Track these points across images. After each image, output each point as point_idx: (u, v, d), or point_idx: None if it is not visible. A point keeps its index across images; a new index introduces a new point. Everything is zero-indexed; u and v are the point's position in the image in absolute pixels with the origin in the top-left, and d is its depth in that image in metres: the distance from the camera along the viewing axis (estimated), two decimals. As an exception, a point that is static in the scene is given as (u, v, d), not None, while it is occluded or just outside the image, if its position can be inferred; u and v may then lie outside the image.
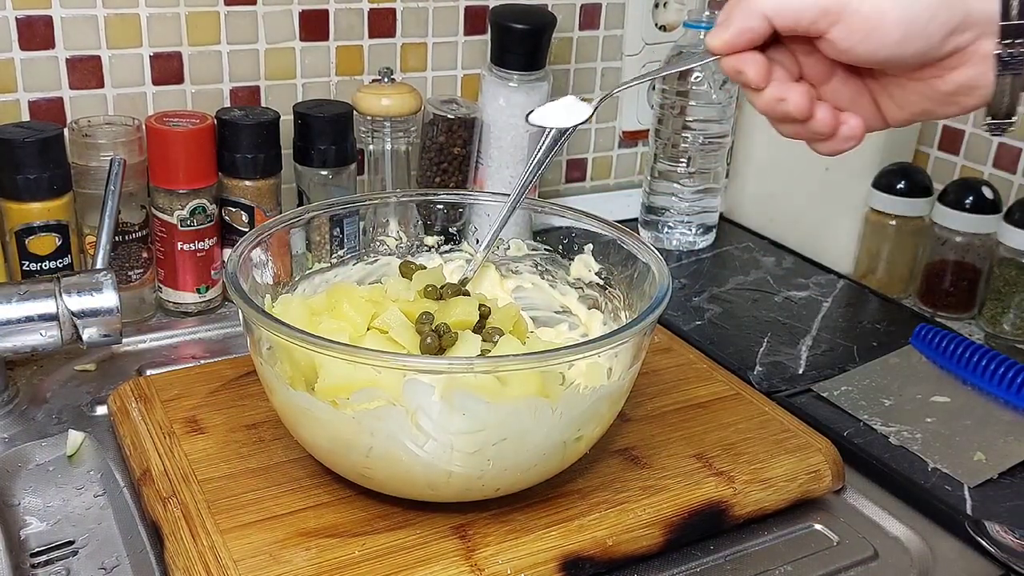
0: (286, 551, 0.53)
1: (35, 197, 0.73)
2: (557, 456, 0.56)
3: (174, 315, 0.84)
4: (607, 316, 0.69)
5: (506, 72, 0.90)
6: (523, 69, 0.90)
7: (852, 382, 0.78)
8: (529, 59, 0.90)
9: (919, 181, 0.93)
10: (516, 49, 0.89)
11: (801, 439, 0.66)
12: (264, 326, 0.54)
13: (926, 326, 0.84)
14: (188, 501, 0.56)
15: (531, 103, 0.90)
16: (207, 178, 0.80)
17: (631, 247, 0.66)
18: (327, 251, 0.75)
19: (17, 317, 0.64)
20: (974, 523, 0.62)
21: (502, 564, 0.54)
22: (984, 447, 0.70)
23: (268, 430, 0.63)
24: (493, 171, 0.93)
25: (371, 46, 0.94)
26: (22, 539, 0.59)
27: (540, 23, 0.89)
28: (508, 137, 0.91)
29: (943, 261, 0.92)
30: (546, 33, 0.90)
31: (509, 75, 0.90)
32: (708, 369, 0.74)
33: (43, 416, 0.69)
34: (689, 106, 0.98)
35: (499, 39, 0.90)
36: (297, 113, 0.84)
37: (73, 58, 0.83)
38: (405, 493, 0.56)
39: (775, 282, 0.97)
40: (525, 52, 0.89)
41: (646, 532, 0.58)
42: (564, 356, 0.54)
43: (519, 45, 0.89)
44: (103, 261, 0.70)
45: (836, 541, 0.62)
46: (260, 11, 0.88)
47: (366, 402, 0.53)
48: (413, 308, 0.63)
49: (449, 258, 0.74)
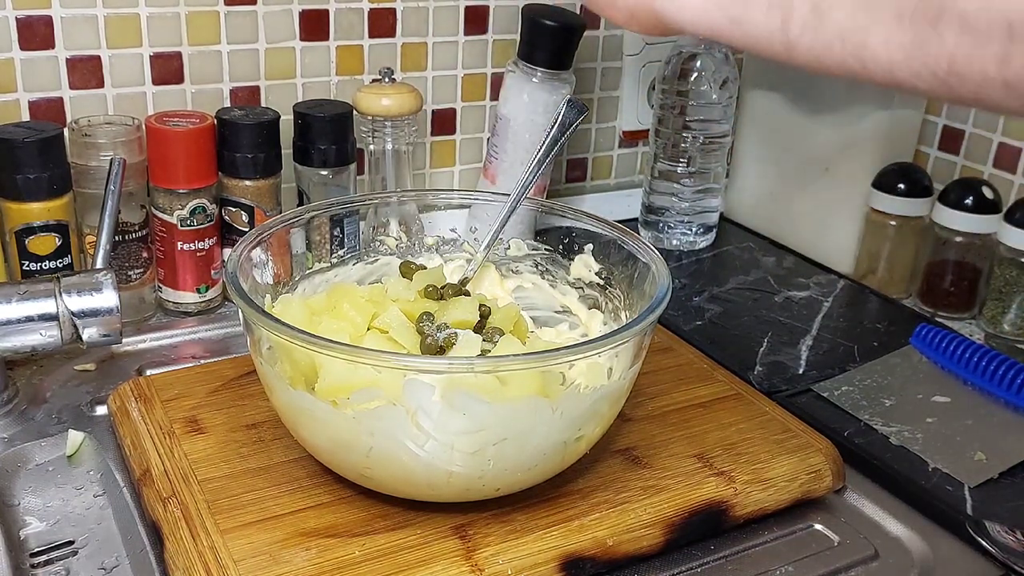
0: (286, 551, 0.53)
1: (35, 197, 0.73)
2: (557, 456, 0.56)
3: (174, 315, 0.84)
4: (607, 316, 0.69)
5: (531, 68, 0.90)
6: (549, 67, 0.90)
7: (852, 382, 0.78)
8: (556, 57, 0.90)
9: (919, 181, 0.93)
10: (545, 46, 0.90)
11: (801, 439, 0.66)
12: (264, 326, 0.54)
13: (926, 326, 0.84)
14: (188, 501, 0.56)
15: (554, 101, 0.90)
16: (207, 178, 0.80)
17: (631, 247, 0.66)
18: (327, 251, 0.75)
19: (17, 317, 0.64)
20: (974, 523, 0.62)
21: (502, 564, 0.54)
22: (984, 447, 0.70)
23: (268, 430, 0.63)
24: (507, 166, 0.93)
25: (371, 46, 0.94)
26: (22, 539, 0.59)
27: (572, 23, 0.90)
28: (527, 134, 0.91)
29: (943, 261, 0.92)
30: (576, 34, 0.91)
31: (534, 71, 0.90)
32: (708, 369, 0.74)
33: (43, 416, 0.69)
34: (689, 106, 0.98)
35: (529, 35, 0.90)
36: (297, 113, 0.84)
37: (73, 58, 0.82)
38: (405, 493, 0.56)
39: (775, 282, 0.97)
40: (553, 50, 0.90)
41: (646, 532, 0.58)
42: (564, 356, 0.54)
43: (549, 42, 0.90)
44: (103, 261, 0.70)
45: (836, 541, 0.62)
46: (260, 11, 0.88)
47: (366, 402, 0.53)
48: (413, 308, 0.63)
49: (449, 258, 0.74)
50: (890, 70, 0.37)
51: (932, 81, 0.36)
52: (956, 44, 0.34)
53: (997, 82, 0.34)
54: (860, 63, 0.38)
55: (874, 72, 0.37)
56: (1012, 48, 0.32)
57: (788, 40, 0.40)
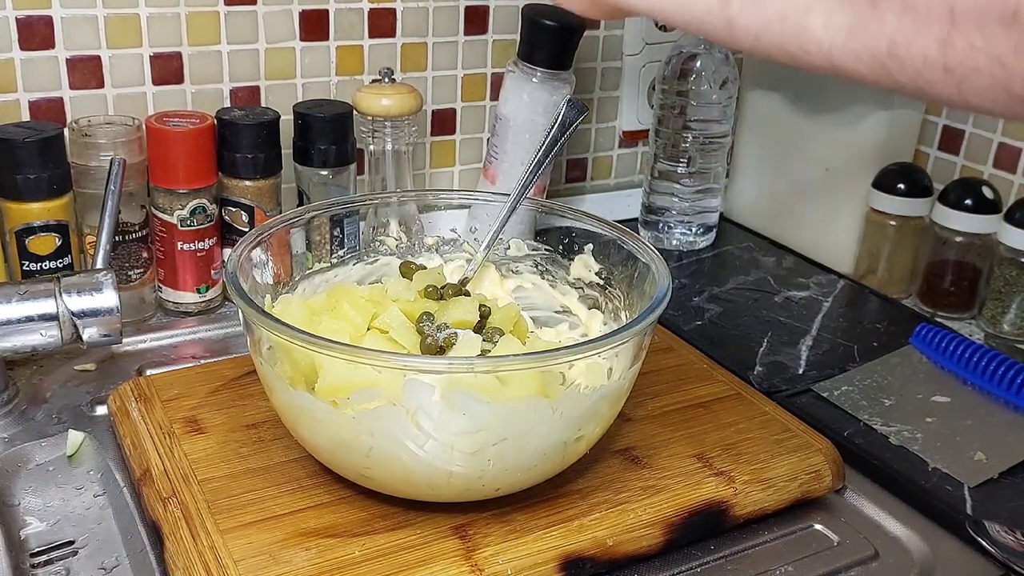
0: (286, 551, 0.53)
1: (35, 197, 0.73)
2: (557, 456, 0.56)
3: (174, 315, 0.84)
4: (607, 316, 0.69)
5: (531, 68, 0.90)
6: (549, 67, 0.90)
7: (852, 382, 0.78)
8: (556, 57, 0.90)
9: (919, 181, 0.93)
10: (545, 46, 0.90)
11: (801, 439, 0.66)
12: (264, 326, 0.54)
13: (926, 326, 0.84)
14: (188, 501, 0.56)
15: (554, 102, 0.90)
16: (207, 178, 0.80)
17: (631, 247, 0.66)
18: (327, 251, 0.75)
19: (17, 317, 0.64)
20: (974, 523, 0.62)
21: (502, 564, 0.54)
22: (984, 447, 0.70)
23: (268, 430, 0.63)
24: (507, 166, 0.93)
25: (371, 46, 0.94)
26: (22, 539, 0.59)
27: (572, 23, 0.90)
28: (527, 134, 0.91)
29: (943, 261, 0.92)
30: (576, 34, 0.91)
31: (534, 71, 0.90)
32: (708, 369, 0.74)
33: (43, 416, 0.69)
34: (689, 106, 0.98)
35: (529, 35, 0.90)
36: (297, 113, 0.84)
37: (73, 58, 0.82)
38: (405, 493, 0.56)
39: (775, 282, 0.97)
40: (553, 50, 0.90)
41: (646, 532, 0.58)
42: (564, 356, 0.54)
43: (549, 42, 0.90)
44: (103, 261, 0.70)
45: (836, 541, 0.62)
46: (260, 11, 0.88)
47: (366, 402, 0.53)
48: (413, 308, 0.63)
49: (449, 258, 0.74)
50: (829, 52, 0.36)
51: (872, 64, 0.35)
52: (897, 26, 0.34)
53: (938, 67, 0.33)
54: (799, 44, 0.37)
55: (813, 55, 0.37)
56: (953, 32, 0.32)
57: (728, 17, 0.39)
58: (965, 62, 0.32)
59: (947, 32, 0.32)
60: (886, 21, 0.34)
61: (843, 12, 0.35)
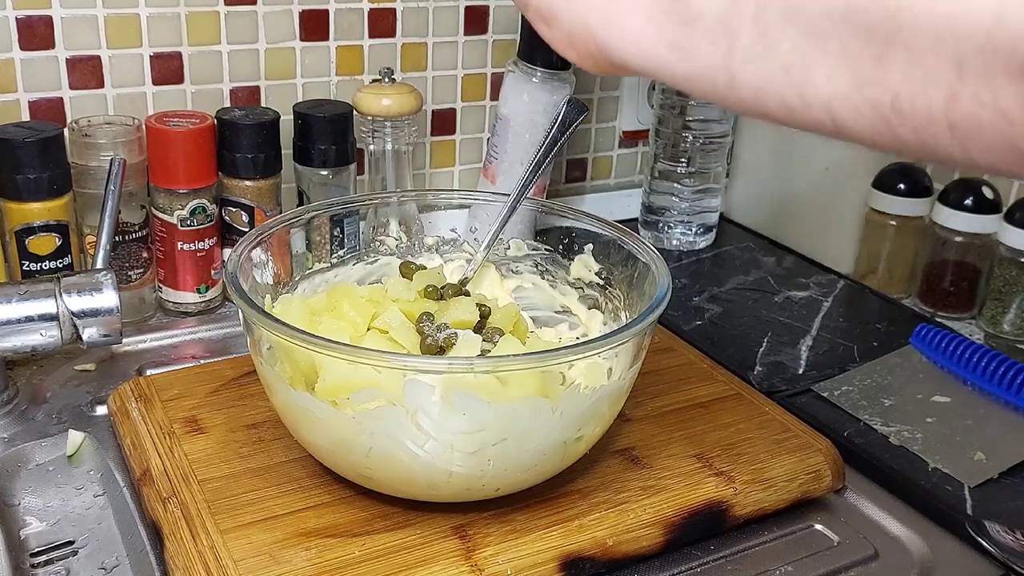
0: (286, 551, 0.53)
1: (35, 197, 0.73)
2: (557, 456, 0.56)
3: (174, 315, 0.84)
4: (607, 316, 0.69)
5: (531, 68, 0.90)
6: (549, 67, 0.90)
7: (852, 382, 0.78)
8: (557, 57, 0.90)
9: (919, 181, 0.93)
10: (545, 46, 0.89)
11: (801, 439, 0.66)
12: (264, 326, 0.54)
13: (926, 326, 0.84)
14: (188, 501, 0.56)
15: (554, 101, 0.90)
16: (207, 178, 0.80)
17: (631, 247, 0.66)
18: (327, 251, 0.75)
19: (17, 317, 0.64)
20: (974, 523, 0.62)
21: (502, 564, 0.54)
22: (984, 447, 0.70)
23: (268, 430, 0.63)
24: (507, 166, 0.93)
25: (371, 46, 0.94)
26: (22, 539, 0.59)
27: None
28: (527, 134, 0.91)
29: (943, 261, 0.92)
30: None
31: (534, 71, 0.90)
32: (708, 369, 0.74)
33: (43, 416, 0.69)
34: (689, 106, 0.98)
35: (529, 34, 0.90)
36: (297, 113, 0.84)
37: (73, 58, 0.83)
38: (405, 493, 0.56)
39: (775, 282, 0.97)
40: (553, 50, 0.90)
41: (646, 532, 0.58)
42: (564, 356, 0.54)
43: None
44: (103, 261, 0.70)
45: (836, 541, 0.62)
46: (260, 11, 0.88)
47: (366, 402, 0.53)
48: (413, 308, 0.63)
49: (449, 258, 0.74)
50: (830, 103, 0.36)
51: (873, 118, 0.34)
52: (902, 79, 0.33)
53: (942, 122, 0.33)
54: (800, 95, 0.37)
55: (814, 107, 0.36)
56: (959, 85, 0.32)
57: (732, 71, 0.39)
58: (971, 117, 0.32)
59: (954, 86, 0.32)
60: (891, 74, 0.33)
61: (848, 64, 0.35)
